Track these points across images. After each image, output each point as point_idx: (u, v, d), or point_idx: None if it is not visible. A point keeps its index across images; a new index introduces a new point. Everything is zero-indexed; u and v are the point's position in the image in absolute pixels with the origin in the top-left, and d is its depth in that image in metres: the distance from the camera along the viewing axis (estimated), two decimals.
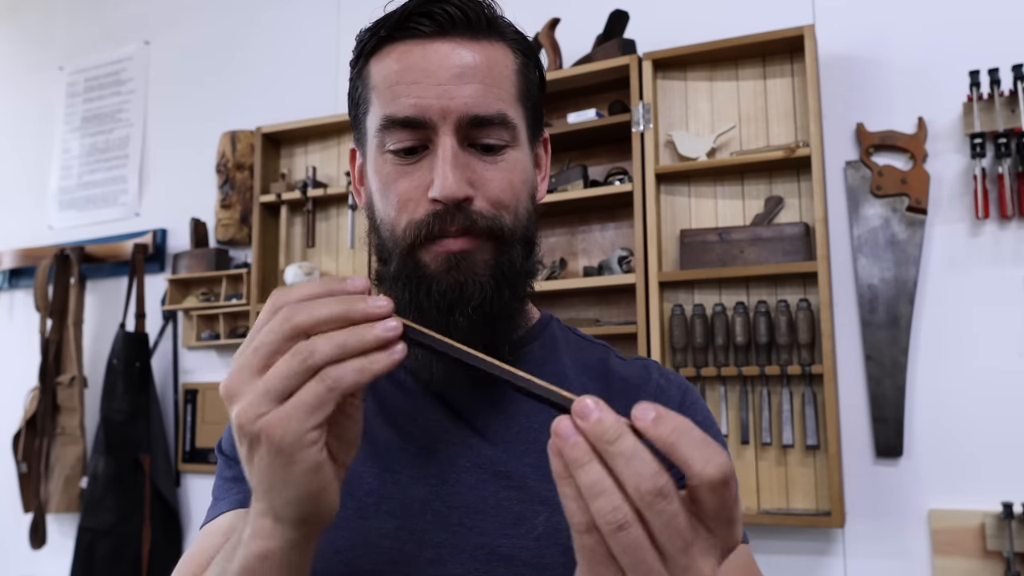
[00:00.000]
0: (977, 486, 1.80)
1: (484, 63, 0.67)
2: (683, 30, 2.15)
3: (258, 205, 2.55)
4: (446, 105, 0.65)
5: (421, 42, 0.67)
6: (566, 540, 0.67)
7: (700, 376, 1.97)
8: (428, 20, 0.67)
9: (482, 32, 0.68)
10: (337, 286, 0.49)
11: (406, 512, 0.67)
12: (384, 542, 0.66)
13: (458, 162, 0.65)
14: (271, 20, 2.86)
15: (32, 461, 2.78)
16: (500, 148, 0.68)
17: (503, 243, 0.68)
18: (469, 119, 0.66)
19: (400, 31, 0.68)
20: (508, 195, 0.68)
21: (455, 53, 0.67)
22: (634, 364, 0.80)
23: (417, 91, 0.66)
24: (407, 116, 0.66)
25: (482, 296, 0.66)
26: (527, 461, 0.70)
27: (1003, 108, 1.82)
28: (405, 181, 0.67)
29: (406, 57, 0.67)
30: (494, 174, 0.68)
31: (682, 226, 2.08)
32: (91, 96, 3.21)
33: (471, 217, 0.66)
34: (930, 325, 1.89)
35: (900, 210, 1.93)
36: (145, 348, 2.74)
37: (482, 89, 0.66)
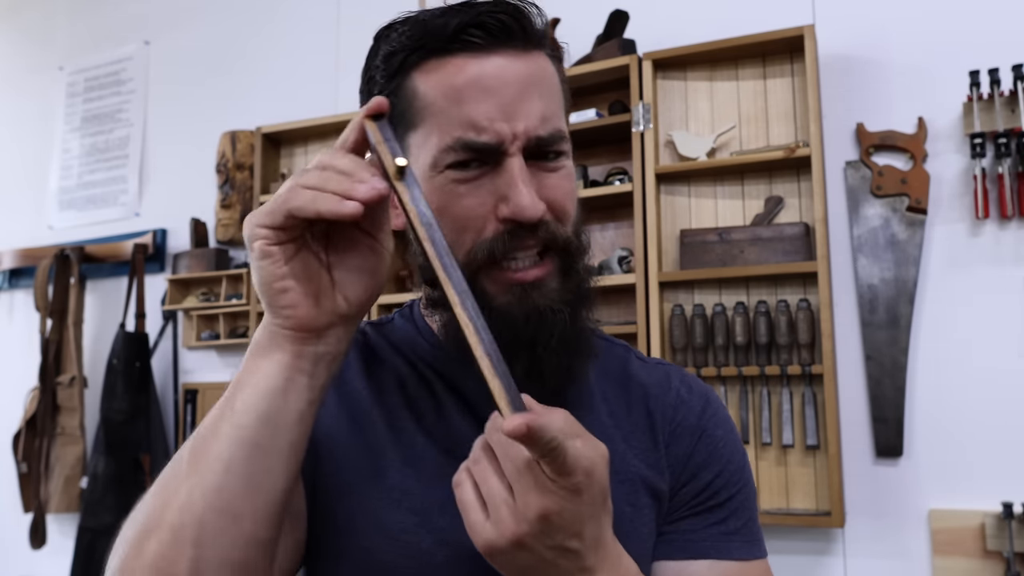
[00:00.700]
0: (977, 486, 1.80)
1: (539, 77, 0.67)
2: (683, 30, 2.15)
3: (258, 205, 2.55)
4: (515, 126, 0.64)
5: (475, 56, 0.65)
6: None
7: (700, 376, 1.97)
8: (483, 32, 0.64)
9: (531, 43, 0.67)
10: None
11: (426, 510, 0.68)
12: (403, 536, 0.67)
13: (529, 180, 0.64)
14: (271, 20, 2.86)
15: (32, 461, 2.78)
16: (559, 156, 0.68)
17: (570, 258, 0.68)
18: (534, 141, 0.65)
19: (451, 43, 0.65)
20: (569, 204, 0.68)
21: (512, 67, 0.65)
22: (656, 369, 0.80)
23: (486, 111, 0.64)
24: (485, 142, 0.64)
25: (562, 325, 0.66)
26: None
27: (1003, 108, 1.82)
28: (469, 199, 0.65)
29: (463, 74, 0.64)
30: (556, 183, 0.67)
31: (682, 226, 2.08)
32: (91, 96, 3.21)
33: (549, 232, 0.66)
34: (930, 325, 1.89)
35: (900, 210, 1.93)
36: (145, 348, 2.74)
37: (542, 106, 0.66)
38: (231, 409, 0.56)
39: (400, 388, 0.73)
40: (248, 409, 0.56)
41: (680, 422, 0.75)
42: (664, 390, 0.77)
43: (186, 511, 0.55)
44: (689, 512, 0.73)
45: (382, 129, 0.57)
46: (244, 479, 0.55)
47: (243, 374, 0.57)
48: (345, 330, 0.58)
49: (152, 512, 0.56)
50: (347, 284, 0.57)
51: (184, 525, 0.55)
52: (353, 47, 2.70)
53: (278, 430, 0.56)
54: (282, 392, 0.56)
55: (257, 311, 2.50)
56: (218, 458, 0.55)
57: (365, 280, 0.58)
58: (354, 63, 2.78)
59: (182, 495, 0.55)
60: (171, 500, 0.56)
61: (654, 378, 0.78)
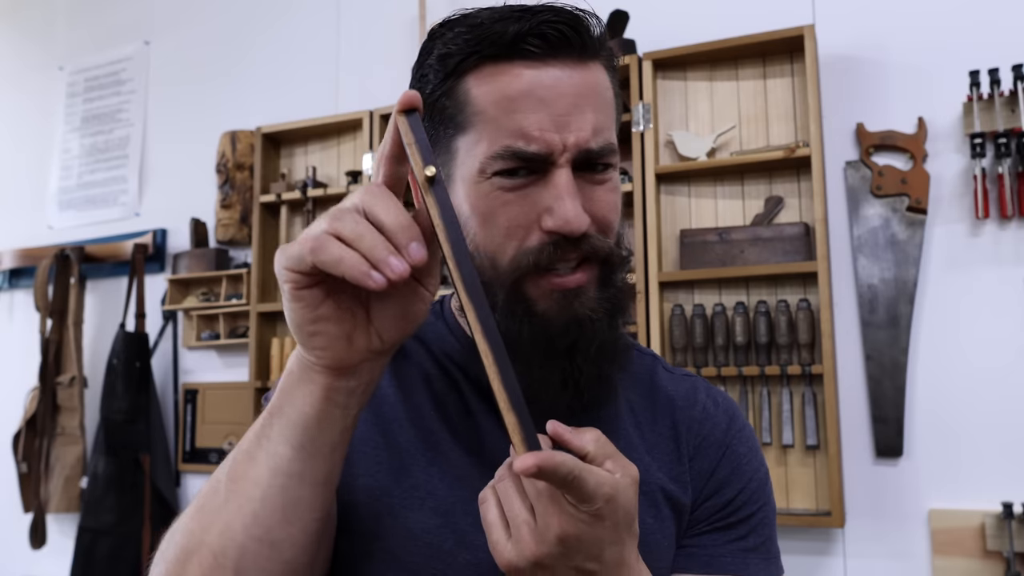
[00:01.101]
0: (977, 486, 1.80)
1: (593, 89, 0.66)
2: (683, 30, 2.15)
3: (258, 205, 2.55)
4: (565, 138, 0.63)
5: (532, 65, 0.64)
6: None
7: (700, 376, 1.97)
8: (540, 41, 0.63)
9: (588, 54, 0.66)
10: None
11: (449, 510, 0.68)
12: (426, 536, 0.67)
13: (576, 192, 0.64)
14: (271, 20, 2.86)
15: (32, 461, 2.78)
16: (606, 168, 0.68)
17: (611, 268, 0.68)
18: (584, 154, 0.65)
19: (508, 50, 0.64)
20: (614, 216, 0.68)
21: (568, 78, 0.65)
22: (683, 381, 0.80)
23: (537, 122, 0.63)
24: (535, 152, 0.63)
25: (600, 334, 0.66)
26: None
27: (1003, 108, 1.82)
28: (515, 208, 0.65)
29: (518, 83, 0.64)
30: (601, 195, 0.67)
31: (682, 226, 2.08)
32: (91, 96, 3.21)
33: (592, 244, 0.65)
34: (930, 325, 1.89)
35: (900, 210, 1.93)
36: (145, 348, 2.74)
37: (595, 118, 0.65)
38: (267, 437, 0.57)
39: (426, 386, 0.74)
40: (283, 439, 0.56)
41: (705, 436, 0.76)
42: (690, 403, 0.77)
43: (227, 536, 0.56)
44: (709, 527, 0.74)
45: (414, 128, 0.54)
46: (280, 508, 0.56)
47: (277, 401, 0.57)
48: (379, 363, 0.57)
49: (193, 534, 0.58)
50: (383, 322, 0.55)
51: (225, 550, 0.56)
52: (353, 47, 2.70)
53: (313, 460, 0.56)
54: (315, 423, 0.55)
55: (257, 311, 2.50)
56: (256, 484, 0.56)
57: (403, 321, 0.55)
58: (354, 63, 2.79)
59: (222, 520, 0.57)
60: (211, 524, 0.57)
61: (681, 390, 0.78)
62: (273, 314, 2.55)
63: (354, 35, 2.71)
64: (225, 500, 0.57)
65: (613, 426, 0.73)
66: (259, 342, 2.49)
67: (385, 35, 2.64)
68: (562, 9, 0.65)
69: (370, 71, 2.64)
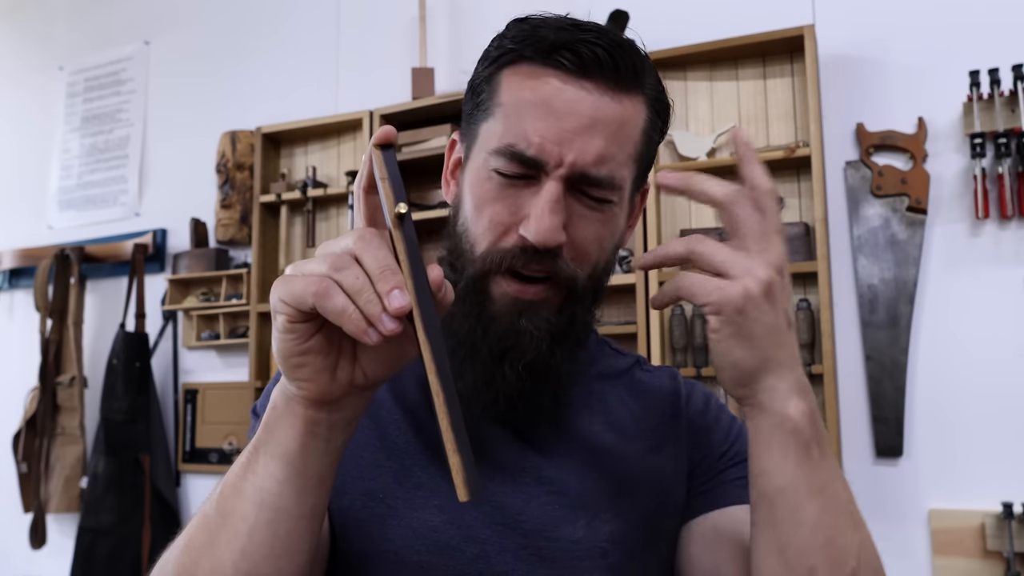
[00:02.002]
0: (977, 486, 1.80)
1: (615, 119, 0.66)
2: (683, 30, 2.15)
3: (258, 205, 2.55)
4: (564, 154, 0.64)
5: (561, 76, 0.65)
6: (604, 544, 0.69)
7: (700, 376, 1.97)
8: (574, 56, 0.65)
9: (624, 82, 0.66)
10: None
11: (453, 507, 0.69)
12: (432, 535, 0.68)
13: (558, 208, 0.64)
14: (271, 20, 2.86)
15: (32, 461, 2.78)
16: (604, 201, 0.68)
17: (572, 298, 0.68)
18: (579, 175, 0.65)
19: (545, 57, 0.66)
20: (594, 248, 0.68)
21: (590, 100, 0.65)
22: (660, 373, 0.83)
23: (543, 130, 0.64)
24: (530, 156, 0.65)
25: (535, 353, 0.67)
26: (568, 468, 0.72)
27: (1003, 108, 1.82)
28: (502, 204, 0.67)
29: (541, 89, 0.66)
30: (588, 224, 0.67)
31: (682, 226, 2.08)
32: (91, 96, 3.21)
33: (557, 264, 0.66)
34: (930, 325, 1.89)
35: (900, 210, 1.93)
36: (145, 348, 2.74)
37: (603, 147, 0.65)
38: (253, 472, 0.56)
39: (420, 388, 0.74)
40: (268, 474, 0.55)
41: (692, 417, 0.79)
42: (670, 390, 0.81)
43: (217, 573, 0.56)
44: (714, 475, 0.76)
45: (388, 162, 0.54)
46: (268, 543, 0.56)
47: (262, 434, 0.57)
48: (363, 398, 0.56)
49: (184, 569, 0.58)
50: (368, 359, 0.54)
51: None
52: (353, 47, 2.70)
53: (299, 494, 0.56)
54: (299, 457, 0.55)
55: (257, 311, 2.50)
56: (243, 519, 0.56)
57: (389, 360, 0.54)
58: (354, 63, 2.79)
59: (212, 556, 0.56)
60: (201, 559, 0.57)
61: (659, 382, 0.81)
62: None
63: (354, 35, 2.71)
64: (213, 535, 0.57)
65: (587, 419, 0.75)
66: (259, 342, 2.49)
67: (385, 35, 2.64)
68: (606, 33, 0.66)
69: (370, 71, 2.64)
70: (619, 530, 0.71)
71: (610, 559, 0.69)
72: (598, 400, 0.77)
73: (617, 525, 0.71)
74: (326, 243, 0.53)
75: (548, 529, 0.69)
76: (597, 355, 0.82)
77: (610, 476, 0.73)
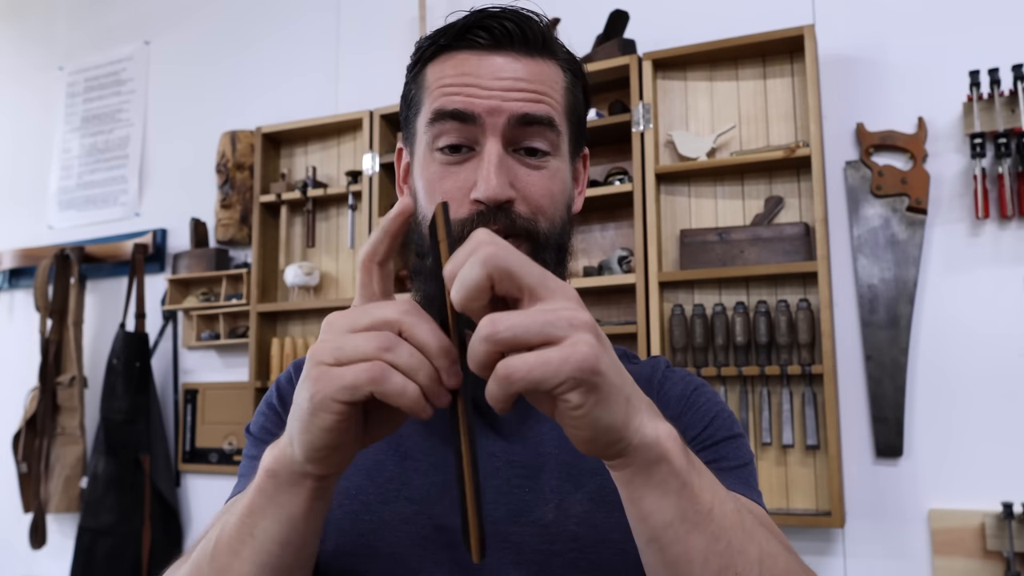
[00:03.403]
0: (977, 486, 1.80)
1: (537, 76, 0.71)
2: (683, 30, 2.15)
3: (258, 205, 2.55)
4: (496, 105, 0.68)
5: (477, 53, 0.71)
6: (574, 528, 0.70)
7: (700, 376, 1.97)
8: (486, 33, 0.70)
9: (536, 49, 0.71)
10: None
11: (424, 498, 0.70)
12: (404, 526, 0.69)
13: (503, 165, 0.68)
14: (271, 20, 2.86)
15: (32, 461, 2.78)
16: (543, 154, 0.71)
17: (538, 247, 0.70)
18: (519, 117, 0.68)
19: (459, 41, 0.71)
20: (547, 201, 0.71)
21: (509, 65, 0.70)
22: (646, 364, 0.84)
23: (468, 91, 0.69)
24: (455, 109, 0.68)
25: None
26: (540, 452, 0.73)
27: (1003, 108, 1.82)
28: (449, 181, 0.70)
29: (462, 65, 0.70)
30: (536, 179, 0.70)
31: (682, 226, 2.08)
32: (91, 96, 3.21)
33: (511, 218, 0.68)
34: (930, 325, 1.89)
35: (900, 210, 1.93)
36: (145, 348, 2.74)
37: (533, 96, 0.69)
38: (251, 536, 0.56)
39: None
40: (269, 538, 0.55)
41: (668, 392, 0.79)
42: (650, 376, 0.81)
43: None
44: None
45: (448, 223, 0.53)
46: None
47: (260, 500, 0.56)
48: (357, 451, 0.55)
49: None
50: (375, 425, 0.54)
51: None
52: (353, 47, 2.70)
53: (299, 550, 0.56)
54: (303, 520, 0.55)
55: (257, 311, 2.50)
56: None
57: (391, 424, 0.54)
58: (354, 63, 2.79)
59: None
60: None
61: (643, 371, 0.82)
62: (273, 314, 2.55)
63: (354, 35, 2.71)
64: None
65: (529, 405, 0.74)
66: (259, 342, 2.49)
67: (385, 35, 2.64)
68: (509, 8, 0.71)
69: (370, 71, 2.64)
70: (589, 511, 0.71)
71: (580, 542, 0.69)
72: None
73: (587, 507, 0.71)
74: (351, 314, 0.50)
75: (518, 515, 0.70)
76: None
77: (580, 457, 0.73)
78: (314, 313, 2.52)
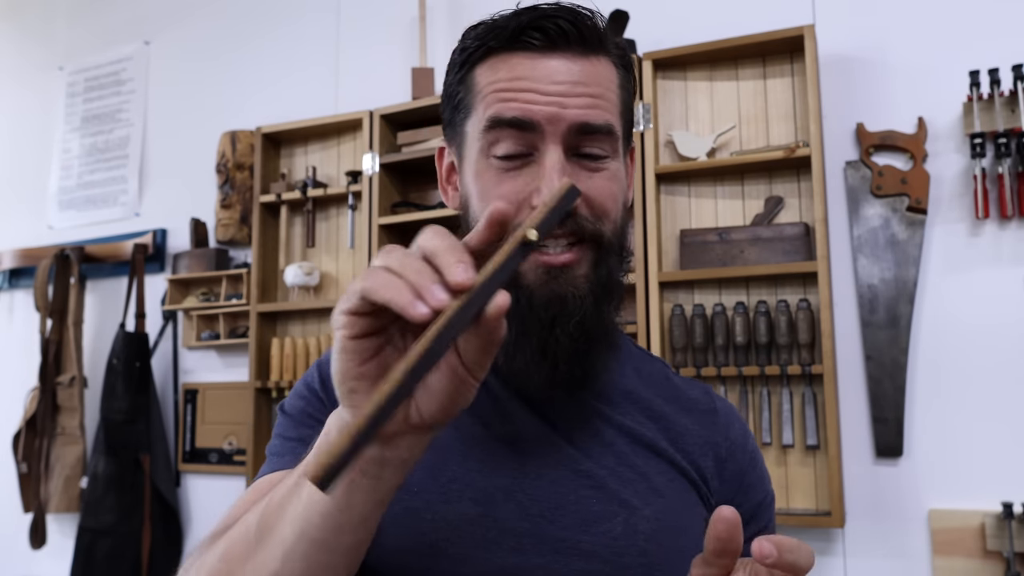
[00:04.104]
0: (977, 486, 1.80)
1: (593, 78, 0.69)
2: (683, 30, 2.15)
3: (258, 205, 2.55)
4: (556, 112, 0.66)
5: (531, 56, 0.68)
6: (643, 543, 0.69)
7: (700, 376, 1.97)
8: (541, 34, 0.68)
9: (591, 48, 0.69)
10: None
11: (489, 500, 0.69)
12: (468, 527, 0.68)
13: (565, 172, 0.66)
14: (271, 20, 2.86)
15: (32, 461, 2.78)
16: (603, 158, 0.69)
17: (602, 252, 0.69)
18: (579, 126, 0.67)
19: (512, 43, 0.69)
20: (610, 204, 0.70)
21: (566, 67, 0.68)
22: (692, 385, 0.83)
23: (526, 97, 0.67)
24: (514, 117, 0.66)
25: (583, 311, 0.67)
26: (605, 464, 0.72)
27: (1003, 108, 1.82)
28: (508, 185, 0.68)
29: (517, 68, 0.68)
30: (597, 183, 0.69)
31: (682, 226, 2.08)
32: (91, 96, 3.21)
33: (578, 223, 0.67)
34: (930, 325, 1.89)
35: (900, 210, 1.93)
36: (145, 348, 2.74)
37: (591, 101, 0.68)
38: (298, 496, 0.55)
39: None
40: (311, 503, 0.54)
41: (733, 440, 0.78)
42: (710, 408, 0.80)
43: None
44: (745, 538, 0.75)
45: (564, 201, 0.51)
46: (301, 572, 0.55)
47: (312, 457, 0.54)
48: (417, 439, 0.52)
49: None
50: (425, 398, 0.51)
51: None
52: (353, 47, 2.70)
53: (340, 530, 0.53)
54: (345, 494, 0.52)
55: (257, 311, 2.50)
56: (280, 543, 0.55)
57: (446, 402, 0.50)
58: (354, 63, 2.78)
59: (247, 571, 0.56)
60: (236, 572, 0.56)
61: (696, 393, 0.81)
62: (273, 314, 2.55)
63: (354, 35, 2.71)
64: (250, 551, 0.56)
65: (609, 411, 0.75)
66: (259, 342, 2.49)
67: (385, 35, 2.64)
68: (563, 6, 0.69)
69: (370, 71, 2.64)
70: (656, 531, 0.70)
71: (649, 558, 0.69)
72: (636, 397, 0.77)
73: (654, 525, 0.70)
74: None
75: (586, 524, 0.69)
76: (626, 353, 0.81)
77: (641, 475, 0.72)
78: (314, 313, 2.52)
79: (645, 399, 0.77)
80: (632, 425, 0.75)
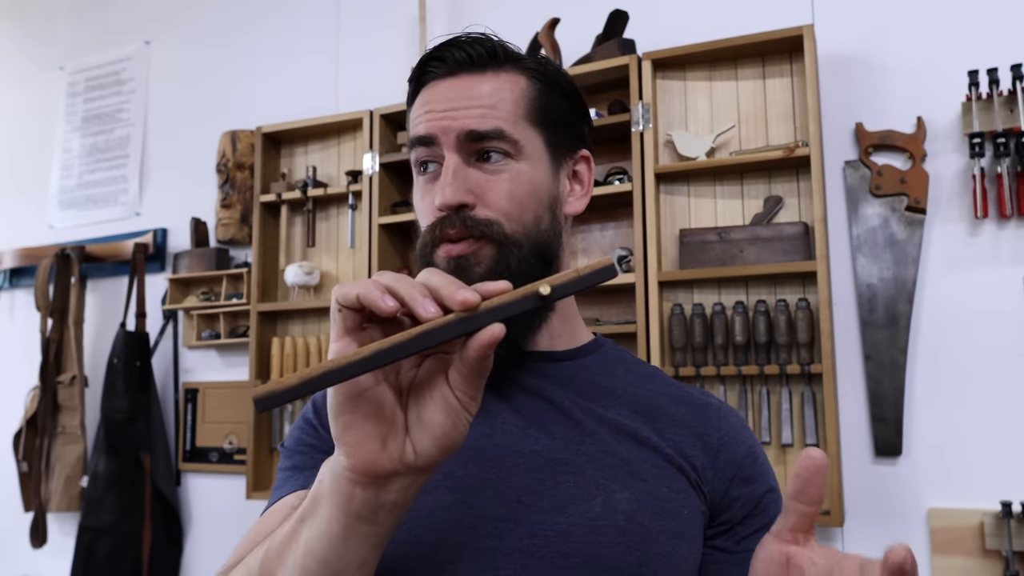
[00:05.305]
0: (976, 485, 1.81)
1: (485, 91, 0.76)
2: (683, 30, 2.15)
3: (258, 205, 2.55)
4: (447, 125, 0.75)
5: (436, 82, 0.78)
6: (623, 523, 0.70)
7: (700, 376, 1.97)
8: (439, 63, 0.78)
9: (489, 66, 0.77)
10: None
11: (465, 488, 0.71)
12: (444, 514, 0.70)
13: (457, 175, 0.74)
14: (271, 20, 2.87)
15: (33, 460, 2.78)
16: (502, 160, 0.75)
17: (503, 247, 0.74)
18: (467, 133, 0.74)
19: (424, 75, 0.79)
20: (507, 202, 0.75)
21: (459, 86, 0.76)
22: (691, 388, 0.85)
23: (427, 117, 0.76)
24: (416, 135, 0.77)
25: None
26: (584, 451, 0.74)
27: (1002, 108, 1.82)
28: (425, 197, 0.78)
29: (425, 95, 0.79)
30: (495, 183, 0.75)
31: (681, 226, 2.09)
32: (92, 96, 3.21)
33: (466, 222, 0.73)
34: (929, 325, 1.90)
35: (899, 210, 1.93)
36: (146, 347, 2.74)
37: (481, 111, 0.75)
38: (296, 543, 0.57)
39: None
40: (309, 551, 0.55)
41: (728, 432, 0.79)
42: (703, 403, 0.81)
43: None
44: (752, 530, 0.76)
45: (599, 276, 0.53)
46: None
47: (308, 505, 0.56)
48: (410, 480, 0.54)
49: None
50: (418, 433, 0.53)
51: None
52: (353, 47, 2.70)
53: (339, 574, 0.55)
54: (342, 539, 0.54)
55: (257, 310, 2.50)
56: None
57: (440, 439, 0.53)
58: (354, 63, 2.78)
59: None
60: None
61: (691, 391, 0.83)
62: (273, 314, 2.56)
63: (354, 35, 2.71)
64: None
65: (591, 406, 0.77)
66: (259, 341, 2.50)
67: (385, 35, 2.64)
68: (461, 36, 0.78)
69: (370, 71, 2.65)
70: (636, 511, 0.71)
71: (628, 537, 0.69)
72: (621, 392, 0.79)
73: (634, 506, 0.71)
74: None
75: (563, 506, 0.70)
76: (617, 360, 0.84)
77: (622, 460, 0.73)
78: (314, 313, 2.52)
79: (631, 394, 0.79)
80: (614, 417, 0.76)
